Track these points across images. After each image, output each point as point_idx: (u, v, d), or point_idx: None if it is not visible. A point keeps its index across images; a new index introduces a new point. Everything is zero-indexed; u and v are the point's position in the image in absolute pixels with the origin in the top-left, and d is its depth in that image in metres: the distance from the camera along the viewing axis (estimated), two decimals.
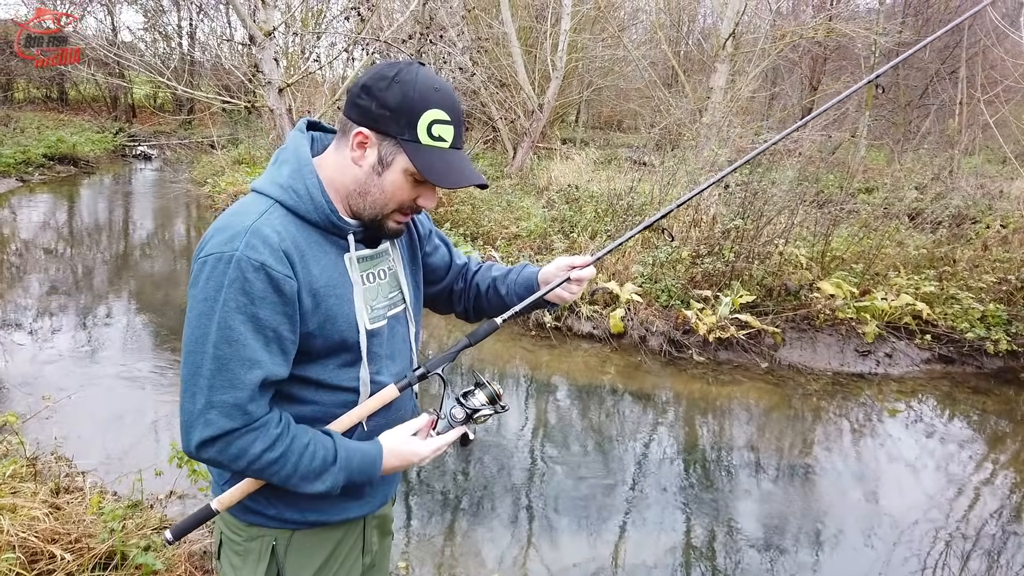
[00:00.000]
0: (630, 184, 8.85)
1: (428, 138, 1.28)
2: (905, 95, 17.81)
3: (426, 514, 3.83)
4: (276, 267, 1.23)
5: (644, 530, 3.82)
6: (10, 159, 13.80)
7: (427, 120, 1.28)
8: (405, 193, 1.34)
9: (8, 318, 6.40)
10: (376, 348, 1.43)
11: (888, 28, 14.90)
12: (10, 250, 8.99)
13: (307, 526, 1.46)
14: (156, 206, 13.24)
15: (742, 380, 5.90)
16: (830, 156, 12.93)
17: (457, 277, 1.78)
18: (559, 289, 1.60)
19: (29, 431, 3.46)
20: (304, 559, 1.48)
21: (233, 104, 8.83)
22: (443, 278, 1.75)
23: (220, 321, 1.21)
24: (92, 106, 24.89)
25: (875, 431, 5.29)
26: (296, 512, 1.44)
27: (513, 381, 5.87)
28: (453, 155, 1.32)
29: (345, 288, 1.36)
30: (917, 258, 7.56)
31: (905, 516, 4.09)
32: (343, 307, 1.35)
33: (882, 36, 14.20)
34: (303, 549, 1.48)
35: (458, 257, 1.78)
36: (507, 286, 1.70)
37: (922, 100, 18.02)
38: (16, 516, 2.54)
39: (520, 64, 13.18)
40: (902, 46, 14.06)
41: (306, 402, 1.39)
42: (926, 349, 6.44)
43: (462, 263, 1.78)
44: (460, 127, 1.32)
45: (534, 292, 1.63)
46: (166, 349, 5.86)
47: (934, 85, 17.49)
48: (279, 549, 1.46)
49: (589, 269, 1.60)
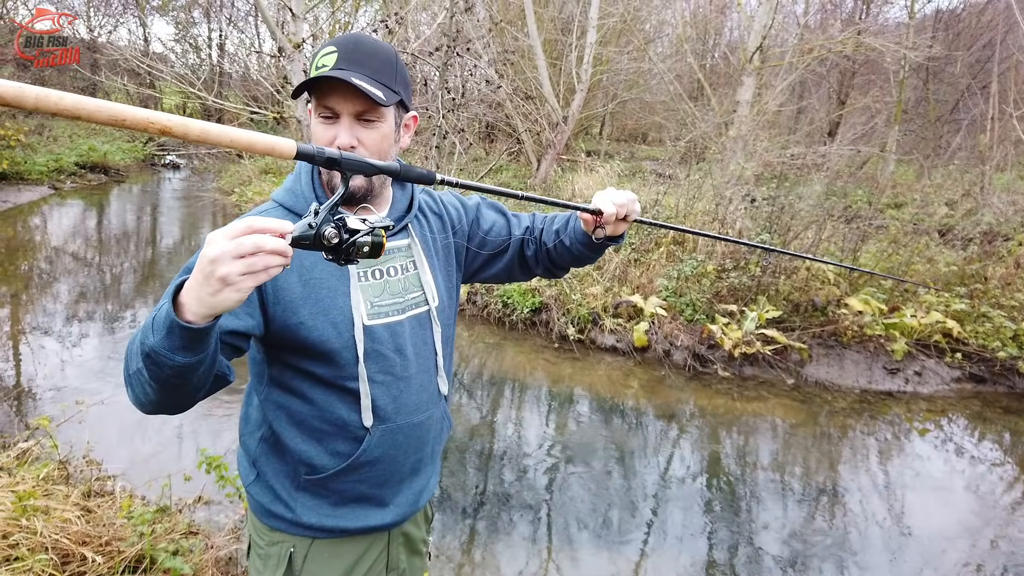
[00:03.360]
0: (655, 197, 8.82)
1: (314, 70, 1.32)
2: (935, 110, 17.61)
3: (446, 526, 3.82)
4: None
5: (666, 548, 3.78)
6: (43, 167, 14.06)
7: (314, 60, 1.32)
8: (321, 134, 1.33)
9: (40, 324, 6.51)
10: (379, 347, 1.42)
11: (918, 42, 14.76)
12: (41, 256, 9.15)
13: (326, 534, 1.47)
14: (184, 215, 13.42)
15: (768, 396, 5.84)
16: (858, 171, 12.80)
17: (523, 243, 1.72)
18: (599, 229, 1.56)
19: (61, 434, 3.51)
20: (321, 570, 1.48)
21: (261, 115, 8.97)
22: (507, 251, 1.72)
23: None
24: None
25: (903, 451, 5.21)
26: (315, 516, 1.45)
27: (535, 393, 5.85)
28: (334, 72, 1.29)
29: (340, 282, 1.38)
30: (947, 275, 7.45)
31: (934, 539, 4.01)
32: (336, 300, 1.36)
33: (912, 50, 14.08)
34: (321, 560, 1.48)
35: (517, 226, 1.73)
36: (568, 236, 1.64)
37: (952, 115, 17.81)
38: (49, 518, 2.58)
39: (545, 76, 13.23)
40: (932, 60, 13.93)
41: (304, 397, 1.41)
42: (956, 368, 6.34)
43: (524, 228, 1.73)
44: (350, 52, 1.31)
45: (586, 240, 1.61)
46: None
47: (965, 100, 17.27)
48: (296, 558, 1.47)
49: (608, 210, 1.51)
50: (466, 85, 8.93)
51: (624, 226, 1.55)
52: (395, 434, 1.47)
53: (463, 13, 8.23)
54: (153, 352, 1.00)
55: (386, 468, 1.48)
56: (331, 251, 1.09)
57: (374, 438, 1.43)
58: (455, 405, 5.43)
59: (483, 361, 6.47)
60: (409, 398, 1.48)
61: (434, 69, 8.19)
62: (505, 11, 14.21)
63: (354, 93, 1.29)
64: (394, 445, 1.48)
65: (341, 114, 1.31)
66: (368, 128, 1.33)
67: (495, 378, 6.09)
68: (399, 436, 1.48)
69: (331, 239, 1.07)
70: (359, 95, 1.29)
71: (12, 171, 12.95)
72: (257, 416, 1.51)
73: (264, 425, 1.48)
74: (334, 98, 1.30)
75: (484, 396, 5.79)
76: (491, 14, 12.04)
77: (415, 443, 1.52)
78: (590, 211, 1.49)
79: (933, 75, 17.43)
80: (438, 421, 1.59)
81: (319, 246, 1.07)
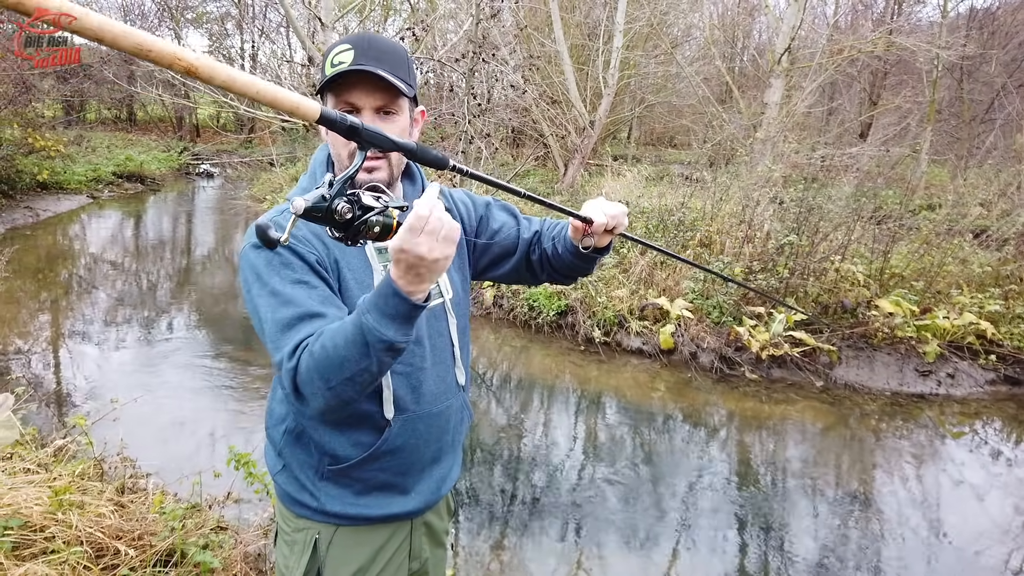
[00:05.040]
0: (681, 200, 8.79)
1: (330, 68, 1.34)
2: (970, 109, 17.28)
3: (475, 527, 3.85)
4: (300, 244, 1.33)
5: (695, 553, 3.76)
6: (82, 176, 14.44)
7: (329, 58, 1.34)
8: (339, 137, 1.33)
9: (77, 328, 6.69)
10: None
11: (951, 41, 14.52)
12: (80, 264, 9.40)
13: (349, 521, 1.51)
14: (217, 222, 13.68)
15: (796, 399, 5.78)
16: (889, 171, 12.61)
17: (530, 247, 1.70)
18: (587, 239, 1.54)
19: (96, 433, 3.61)
20: (345, 556, 1.52)
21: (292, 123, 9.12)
22: (514, 252, 1.70)
23: (269, 292, 1.30)
24: (159, 126, 25.96)
25: (937, 454, 5.12)
26: (339, 505, 1.49)
27: (562, 396, 5.86)
28: (357, 66, 1.31)
29: (365, 274, 1.43)
30: (981, 276, 7.30)
31: (970, 545, 3.93)
32: (362, 291, 1.40)
33: (945, 50, 13.85)
34: (345, 546, 1.52)
35: (527, 228, 1.71)
36: (560, 243, 1.63)
37: (988, 114, 17.46)
38: (84, 512, 2.66)
39: (572, 81, 13.25)
40: (966, 59, 13.67)
41: None
42: (991, 370, 6.21)
43: (533, 233, 1.71)
44: (366, 49, 1.32)
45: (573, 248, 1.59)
46: (224, 359, 6.05)
47: (1000, 99, 16.93)
48: (321, 544, 1.51)
49: (599, 219, 1.49)
50: (492, 91, 8.99)
51: (608, 238, 1.54)
52: (415, 423, 1.50)
53: (488, 20, 8.30)
54: (395, 343, 1.18)
55: (407, 457, 1.52)
56: (341, 228, 1.07)
57: (395, 428, 1.47)
58: (483, 407, 5.46)
59: (510, 364, 6.50)
60: (428, 388, 1.51)
61: (460, 75, 8.26)
62: (531, 17, 14.28)
63: (375, 87, 1.33)
64: (415, 434, 1.51)
65: (363, 108, 1.35)
66: (388, 121, 1.37)
67: (522, 381, 6.11)
68: (419, 425, 1.51)
69: (343, 214, 1.05)
70: (380, 89, 1.33)
71: (52, 181, 13.32)
72: (281, 409, 1.55)
73: (288, 417, 1.53)
74: (356, 93, 1.34)
75: (511, 399, 5.82)
76: (517, 20, 12.11)
77: (435, 432, 1.56)
78: (582, 218, 1.49)
79: (967, 74, 17.10)
80: (457, 411, 1.62)
81: (329, 221, 1.05)
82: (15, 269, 7.88)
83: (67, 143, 14.87)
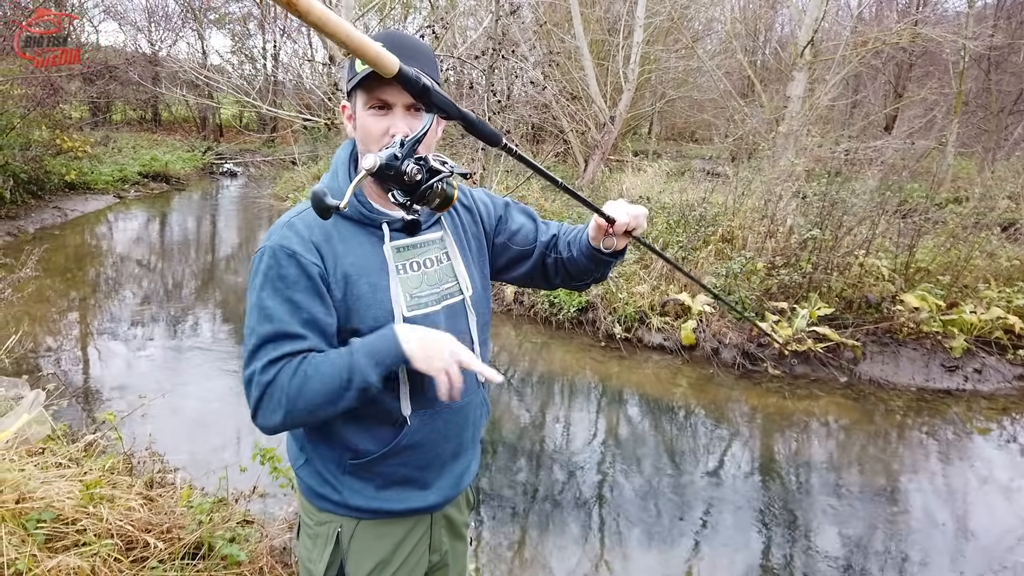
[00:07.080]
0: (703, 195, 8.74)
1: (360, 66, 1.36)
2: (997, 101, 16.97)
3: (496, 523, 3.87)
4: (304, 255, 1.37)
5: (718, 549, 3.76)
6: (108, 177, 14.65)
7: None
8: (374, 125, 1.38)
9: (105, 326, 6.81)
10: None
11: (978, 31, 14.27)
12: (107, 262, 9.55)
13: (371, 515, 1.53)
14: (241, 220, 13.82)
15: (820, 395, 5.74)
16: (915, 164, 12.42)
17: (547, 251, 1.70)
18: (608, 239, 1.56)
19: (125, 428, 3.68)
20: (367, 549, 1.55)
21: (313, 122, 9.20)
22: (531, 255, 1.71)
23: (258, 302, 1.38)
24: (183, 126, 26.24)
25: (964, 451, 5.05)
26: (361, 499, 1.51)
27: (583, 392, 5.87)
28: None
29: (380, 276, 1.43)
30: (1009, 270, 7.18)
31: (998, 542, 3.89)
32: (377, 294, 1.42)
33: (972, 40, 13.61)
34: (366, 539, 1.54)
35: (544, 232, 1.72)
36: (576, 247, 1.65)
37: (1016, 105, 17.14)
38: (114, 506, 2.71)
39: (592, 77, 13.21)
40: (994, 50, 13.43)
41: None
42: (1019, 365, 6.11)
43: (550, 236, 1.71)
44: (397, 48, 1.25)
45: (589, 252, 1.61)
46: None
47: None
48: (343, 537, 1.54)
49: (621, 219, 1.51)
50: (512, 87, 8.99)
51: (626, 240, 1.56)
52: (435, 420, 1.52)
53: (508, 16, 8.30)
54: (372, 387, 1.34)
55: (428, 452, 1.54)
56: (408, 190, 1.09)
57: (415, 424, 1.49)
58: (504, 404, 5.48)
59: (531, 360, 6.51)
60: None
61: (480, 72, 8.28)
62: (551, 13, 14.24)
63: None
64: (435, 430, 1.53)
65: (395, 105, 1.37)
66: (417, 119, 1.39)
67: (543, 377, 6.13)
68: (439, 422, 1.53)
69: (413, 176, 1.07)
70: None
71: (79, 181, 13.52)
72: None
73: None
74: (389, 90, 1.36)
75: (532, 395, 5.83)
76: (536, 16, 12.09)
77: (455, 428, 1.57)
78: (606, 216, 1.50)
79: (995, 65, 16.80)
80: (477, 407, 1.64)
81: (399, 181, 1.07)
82: (45, 268, 8.02)
83: (94, 144, 15.07)
